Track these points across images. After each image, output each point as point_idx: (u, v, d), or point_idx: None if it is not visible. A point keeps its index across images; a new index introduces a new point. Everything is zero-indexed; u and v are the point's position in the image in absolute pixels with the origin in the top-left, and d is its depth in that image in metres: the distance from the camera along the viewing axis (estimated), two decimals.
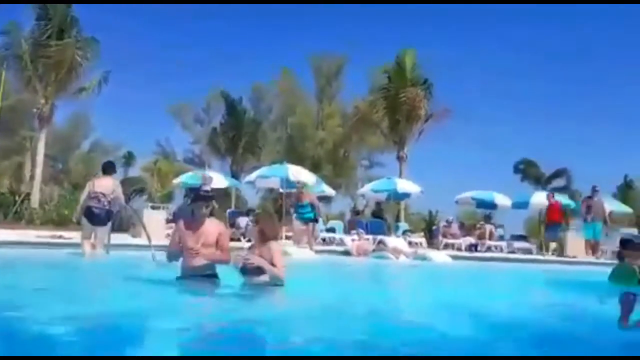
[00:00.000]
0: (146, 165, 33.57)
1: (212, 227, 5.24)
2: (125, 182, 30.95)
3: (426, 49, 27.59)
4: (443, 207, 25.01)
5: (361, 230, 14.74)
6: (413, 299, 5.97)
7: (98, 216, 8.68)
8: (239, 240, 13.59)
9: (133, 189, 30.68)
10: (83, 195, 8.94)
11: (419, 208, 30.06)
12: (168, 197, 29.04)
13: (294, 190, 15.62)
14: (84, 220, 8.82)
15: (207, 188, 13.84)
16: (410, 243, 15.70)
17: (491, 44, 42.08)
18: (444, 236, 17.59)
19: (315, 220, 13.76)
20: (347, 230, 16.86)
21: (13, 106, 28.42)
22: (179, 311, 4.17)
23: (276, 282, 4.95)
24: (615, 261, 8.86)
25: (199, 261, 5.11)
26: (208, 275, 5.19)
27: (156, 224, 12.87)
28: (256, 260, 4.92)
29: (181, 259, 5.26)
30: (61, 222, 17.41)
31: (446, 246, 16.90)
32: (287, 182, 16.71)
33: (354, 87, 34.91)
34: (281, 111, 32.27)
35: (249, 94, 32.48)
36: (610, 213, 16.80)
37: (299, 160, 23.82)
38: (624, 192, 34.07)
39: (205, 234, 5.15)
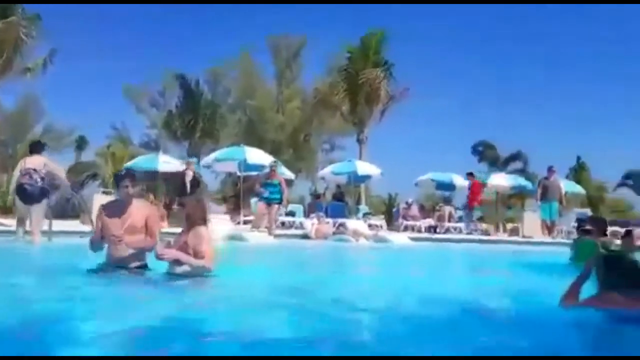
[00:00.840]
0: (100, 150, 32.46)
1: (139, 210, 4.71)
2: (77, 167, 30.01)
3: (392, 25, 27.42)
4: (403, 189, 25.20)
5: (321, 214, 14.60)
6: (365, 282, 5.79)
7: (31, 194, 8.22)
8: None
9: (86, 174, 29.67)
10: (15, 176, 8.55)
11: (379, 191, 30.18)
12: None
13: (255, 173, 15.15)
14: (18, 201, 8.42)
15: (190, 173, 13.43)
16: (370, 226, 15.62)
17: (453, 25, 42.18)
18: (404, 218, 17.63)
19: (280, 201, 13.28)
20: (306, 214, 16.65)
21: None
22: (79, 306, 3.66)
23: (202, 271, 4.50)
24: (570, 241, 8.98)
25: (124, 250, 4.59)
26: (136, 266, 4.67)
27: None
28: (172, 255, 4.44)
29: (106, 247, 4.73)
30: (8, 210, 16.70)
31: (406, 228, 16.93)
32: (245, 165, 16.31)
33: (315, 68, 34.48)
34: (240, 94, 31.57)
35: (206, 76, 31.65)
36: (565, 193, 17.12)
37: (259, 144, 23.34)
38: (578, 173, 35.04)
39: (131, 218, 4.63)
